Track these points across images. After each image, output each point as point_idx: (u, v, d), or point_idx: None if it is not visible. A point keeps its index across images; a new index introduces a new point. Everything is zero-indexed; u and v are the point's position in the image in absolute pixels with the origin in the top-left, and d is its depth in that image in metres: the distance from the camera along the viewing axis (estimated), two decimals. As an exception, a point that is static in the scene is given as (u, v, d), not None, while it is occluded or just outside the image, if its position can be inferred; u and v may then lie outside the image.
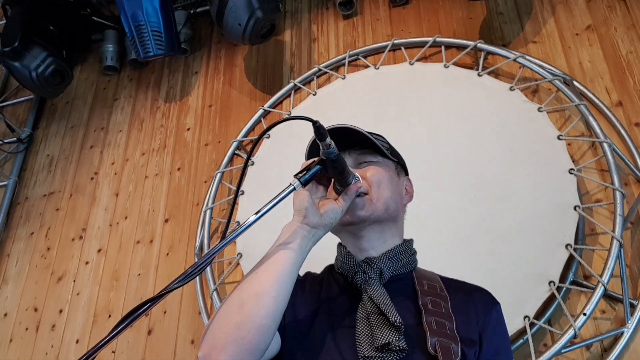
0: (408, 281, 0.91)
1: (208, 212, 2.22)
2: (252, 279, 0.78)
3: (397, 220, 0.96)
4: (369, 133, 0.94)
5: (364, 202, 0.89)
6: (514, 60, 2.04)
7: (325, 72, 2.40)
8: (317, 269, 1.00)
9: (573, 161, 1.79)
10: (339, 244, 0.97)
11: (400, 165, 1.01)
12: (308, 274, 0.99)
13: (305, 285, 0.94)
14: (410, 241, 0.98)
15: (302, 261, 0.81)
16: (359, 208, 0.88)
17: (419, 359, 0.78)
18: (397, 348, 0.77)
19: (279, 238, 0.82)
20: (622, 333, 1.55)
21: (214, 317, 0.76)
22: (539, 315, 1.60)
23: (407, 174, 1.04)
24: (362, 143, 0.94)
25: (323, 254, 0.95)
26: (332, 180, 0.87)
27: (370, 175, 0.91)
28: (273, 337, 0.76)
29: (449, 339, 0.79)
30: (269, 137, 2.27)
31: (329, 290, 0.91)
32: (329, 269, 0.99)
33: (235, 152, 2.35)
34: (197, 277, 2.03)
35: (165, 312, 2.11)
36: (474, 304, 0.88)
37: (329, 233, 0.87)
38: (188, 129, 2.58)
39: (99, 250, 2.39)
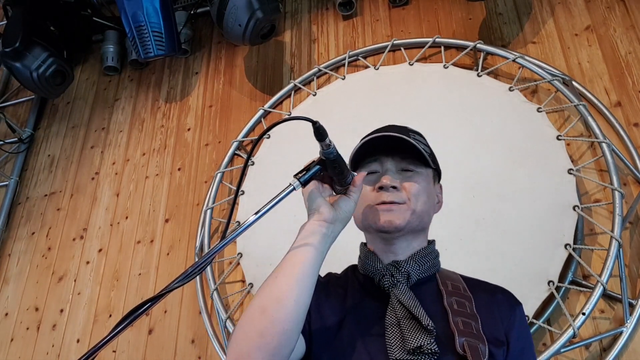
0: (432, 282, 0.91)
1: (208, 212, 2.22)
2: (272, 284, 0.77)
3: (426, 229, 0.97)
4: (414, 138, 0.93)
5: (401, 212, 0.89)
6: (513, 60, 2.05)
7: (325, 73, 2.41)
8: (336, 267, 1.00)
9: (572, 161, 1.80)
10: (363, 244, 0.97)
11: (436, 172, 1.01)
12: (330, 275, 0.98)
13: (329, 288, 0.93)
14: (434, 242, 0.98)
15: (322, 259, 0.80)
16: (394, 217, 0.88)
17: None
18: (429, 351, 0.77)
19: (297, 238, 0.81)
20: (621, 332, 1.55)
21: (237, 325, 0.76)
22: (538, 314, 1.61)
23: (440, 179, 1.04)
24: (407, 148, 0.92)
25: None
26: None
27: (409, 187, 0.91)
28: (297, 339, 0.76)
29: (476, 339, 0.80)
30: (269, 137, 2.27)
31: (354, 294, 0.91)
32: (352, 269, 0.98)
33: (236, 152, 2.36)
34: (198, 277, 2.04)
35: (165, 312, 2.12)
36: (498, 304, 0.88)
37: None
38: (188, 129, 2.59)
39: (100, 250, 2.40)
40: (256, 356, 0.71)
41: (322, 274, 0.97)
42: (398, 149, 0.93)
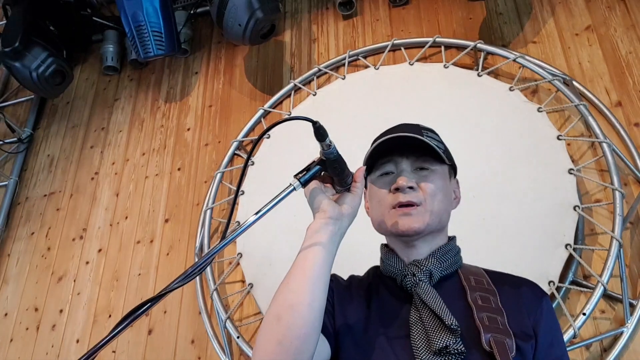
0: (455, 279, 0.90)
1: (208, 212, 2.22)
2: (284, 290, 0.77)
3: (446, 227, 0.96)
4: (427, 135, 0.92)
5: (419, 215, 0.88)
6: (514, 60, 2.04)
7: (325, 73, 2.40)
8: (353, 268, 0.99)
9: (573, 161, 1.79)
10: (383, 245, 0.97)
11: (452, 168, 1.00)
12: (352, 277, 0.98)
13: (352, 290, 0.92)
14: (454, 239, 0.97)
15: (333, 258, 0.80)
16: (413, 221, 0.88)
17: (475, 357, 0.78)
18: (456, 351, 0.76)
19: (305, 240, 0.80)
20: (621, 333, 1.55)
21: (258, 335, 0.77)
22: (538, 315, 1.60)
23: (456, 174, 1.03)
24: (420, 147, 0.92)
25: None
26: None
27: (425, 187, 0.90)
28: (317, 342, 0.76)
29: (502, 334, 0.79)
30: (269, 137, 2.27)
31: (377, 295, 0.90)
32: (374, 271, 0.98)
33: (236, 152, 2.36)
34: (197, 277, 2.04)
35: (165, 312, 2.12)
36: (523, 297, 0.87)
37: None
38: (188, 129, 2.59)
39: (100, 250, 2.39)
40: None
41: (338, 274, 0.96)
42: (412, 147, 0.92)
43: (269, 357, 0.73)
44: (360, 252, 1.03)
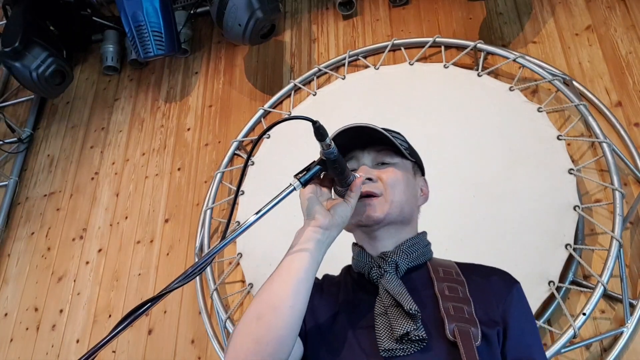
0: (423, 271, 0.90)
1: (208, 212, 2.22)
2: (267, 290, 0.78)
3: (411, 222, 0.96)
4: (388, 131, 0.94)
5: (379, 204, 0.89)
6: (514, 60, 2.04)
7: (325, 73, 2.40)
8: (334, 269, 1.00)
9: (573, 161, 1.79)
10: (354, 244, 0.97)
11: (417, 165, 1.01)
12: (326, 276, 0.98)
13: (323, 288, 0.93)
14: (423, 233, 0.98)
15: (318, 265, 0.81)
16: (373, 210, 0.88)
17: (439, 347, 0.77)
18: (417, 338, 0.77)
19: (292, 244, 0.81)
20: (621, 333, 1.55)
21: (234, 331, 0.77)
22: (538, 315, 1.60)
23: (423, 174, 1.04)
24: (381, 141, 0.93)
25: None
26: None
27: (386, 177, 0.91)
28: (293, 345, 0.76)
29: (467, 324, 0.78)
30: (269, 137, 2.27)
31: (346, 290, 0.91)
32: (347, 269, 0.98)
33: (236, 152, 2.36)
34: (197, 277, 2.04)
35: (165, 312, 2.12)
36: (492, 286, 0.87)
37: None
38: (188, 129, 2.59)
39: (100, 250, 2.39)
40: None
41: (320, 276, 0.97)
42: (374, 144, 0.94)
43: (245, 355, 0.73)
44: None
